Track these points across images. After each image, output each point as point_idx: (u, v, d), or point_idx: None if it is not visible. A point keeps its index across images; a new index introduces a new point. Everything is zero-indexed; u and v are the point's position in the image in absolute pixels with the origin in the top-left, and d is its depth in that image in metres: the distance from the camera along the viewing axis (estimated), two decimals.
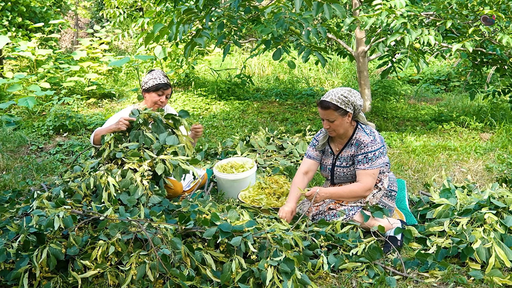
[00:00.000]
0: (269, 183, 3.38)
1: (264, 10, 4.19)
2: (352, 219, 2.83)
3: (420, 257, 2.57)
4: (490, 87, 6.34)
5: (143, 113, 3.09)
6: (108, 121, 3.38)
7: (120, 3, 6.42)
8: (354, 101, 2.84)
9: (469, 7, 4.42)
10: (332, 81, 8.26)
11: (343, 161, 2.96)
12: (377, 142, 2.87)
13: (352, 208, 2.87)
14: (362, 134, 2.89)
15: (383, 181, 2.94)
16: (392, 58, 5.05)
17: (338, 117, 2.83)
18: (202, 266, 2.33)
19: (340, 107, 2.81)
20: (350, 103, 2.83)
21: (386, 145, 2.96)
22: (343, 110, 2.82)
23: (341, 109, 2.82)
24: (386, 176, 2.97)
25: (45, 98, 6.57)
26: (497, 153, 4.39)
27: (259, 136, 4.64)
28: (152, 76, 3.44)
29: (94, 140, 3.22)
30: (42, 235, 2.32)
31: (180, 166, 2.91)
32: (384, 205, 2.95)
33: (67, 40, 11.72)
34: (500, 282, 2.32)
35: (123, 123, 3.09)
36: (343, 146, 2.97)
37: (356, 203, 2.90)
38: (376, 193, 2.92)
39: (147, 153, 2.97)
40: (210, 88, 7.33)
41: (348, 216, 2.84)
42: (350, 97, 2.83)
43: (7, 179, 3.99)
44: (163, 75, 3.48)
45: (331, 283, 2.42)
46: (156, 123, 3.10)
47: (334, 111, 2.82)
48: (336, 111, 2.82)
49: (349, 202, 2.91)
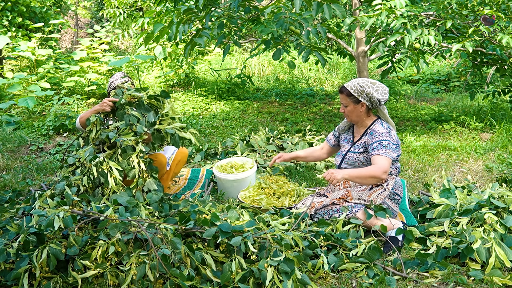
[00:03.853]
0: (269, 183, 3.38)
1: (264, 10, 4.19)
2: (355, 215, 2.83)
3: (420, 257, 2.57)
4: (490, 87, 6.34)
5: (126, 94, 3.07)
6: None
7: (120, 3, 6.42)
8: (370, 93, 2.90)
9: (469, 7, 4.42)
10: (332, 81, 8.26)
11: (357, 147, 3.03)
12: (391, 137, 2.90)
13: (356, 205, 2.87)
14: (378, 126, 2.96)
15: (389, 182, 2.95)
16: (392, 58, 5.04)
17: (351, 103, 2.96)
18: (202, 266, 2.33)
19: (353, 94, 2.92)
20: (364, 93, 2.90)
21: (400, 149, 2.95)
22: (355, 98, 2.93)
23: (354, 96, 2.93)
24: (393, 179, 2.97)
25: (45, 98, 6.57)
26: (497, 153, 4.39)
27: (259, 136, 4.64)
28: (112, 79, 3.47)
29: (80, 123, 3.24)
30: (42, 235, 2.32)
31: (177, 133, 2.91)
32: (387, 207, 2.94)
33: (67, 40, 11.72)
34: (500, 282, 2.32)
35: (107, 104, 3.12)
36: (360, 135, 3.06)
37: (360, 200, 2.90)
38: (381, 193, 2.92)
39: (139, 127, 2.95)
40: (210, 88, 7.33)
41: (351, 213, 2.84)
42: (366, 88, 2.90)
43: (7, 179, 3.99)
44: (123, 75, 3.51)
45: (331, 283, 2.42)
46: (140, 104, 3.08)
47: (347, 96, 2.96)
48: (349, 97, 2.95)
49: (353, 198, 2.90)
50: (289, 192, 3.30)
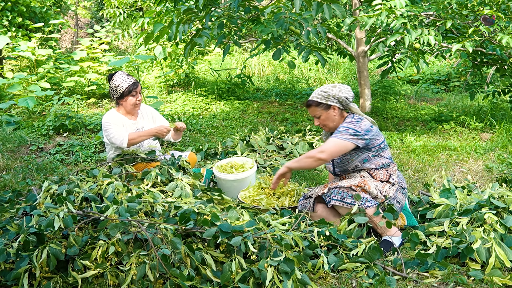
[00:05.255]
0: (269, 183, 3.38)
1: (264, 10, 4.19)
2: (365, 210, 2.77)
3: (420, 257, 2.57)
4: (490, 87, 6.34)
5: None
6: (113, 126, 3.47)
7: (120, 3, 6.42)
8: (336, 94, 2.91)
9: (469, 7, 4.42)
10: (332, 81, 8.26)
11: None
12: (358, 125, 2.87)
13: (371, 200, 2.80)
14: (348, 117, 2.97)
15: (393, 177, 2.93)
16: (392, 58, 5.05)
17: (322, 111, 2.95)
18: (202, 266, 2.33)
19: (321, 102, 2.93)
20: (331, 97, 2.91)
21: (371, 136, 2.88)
22: (325, 105, 2.93)
23: (322, 103, 2.93)
24: (395, 172, 2.97)
25: (45, 98, 6.57)
26: (497, 153, 4.39)
27: (259, 136, 4.64)
28: (118, 82, 3.50)
29: (130, 143, 3.43)
30: (42, 235, 2.32)
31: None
32: (399, 201, 2.91)
33: (67, 40, 11.72)
34: (500, 282, 2.32)
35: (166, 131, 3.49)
36: None
37: (377, 190, 2.83)
38: (391, 187, 2.90)
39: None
40: (210, 88, 7.33)
41: (363, 205, 2.77)
42: (330, 91, 2.92)
43: (7, 179, 3.99)
44: (126, 75, 3.54)
45: (331, 283, 2.42)
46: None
47: (316, 107, 2.95)
48: (318, 106, 2.94)
49: (370, 188, 2.82)
50: (289, 192, 3.30)
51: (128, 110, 3.56)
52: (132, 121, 3.59)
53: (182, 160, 3.45)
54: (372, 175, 2.92)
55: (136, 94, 3.51)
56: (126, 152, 3.49)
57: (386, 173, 2.93)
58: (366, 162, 2.91)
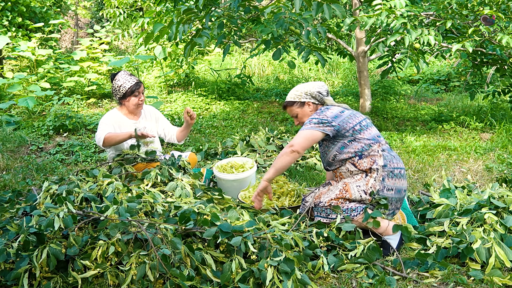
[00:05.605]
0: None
1: (264, 10, 4.19)
2: (352, 220, 2.76)
3: (420, 257, 2.57)
4: (490, 87, 6.34)
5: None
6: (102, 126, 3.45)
7: (120, 3, 6.42)
8: (308, 90, 2.99)
9: (469, 7, 4.42)
10: (332, 81, 8.26)
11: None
12: (322, 114, 2.87)
13: (356, 208, 2.78)
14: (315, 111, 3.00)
15: (377, 162, 2.80)
16: (392, 58, 5.05)
17: (298, 109, 3.04)
18: (202, 266, 2.33)
19: (295, 101, 3.03)
20: (304, 93, 3.00)
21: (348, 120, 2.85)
22: (299, 103, 3.02)
23: (296, 102, 3.03)
24: (380, 156, 2.82)
25: (45, 98, 6.57)
26: (497, 153, 4.39)
27: (259, 136, 4.64)
28: (120, 82, 3.48)
29: (105, 142, 3.35)
30: (42, 235, 2.32)
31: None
32: (390, 188, 2.79)
33: (67, 40, 11.72)
34: (500, 282, 2.32)
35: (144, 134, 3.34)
36: None
37: (360, 192, 2.78)
38: (376, 176, 2.80)
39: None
40: (210, 88, 7.33)
41: (351, 216, 2.76)
42: (301, 89, 3.01)
43: (7, 179, 3.99)
44: (128, 75, 3.52)
45: (331, 283, 2.42)
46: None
47: (292, 106, 3.06)
48: (293, 106, 3.05)
49: (352, 195, 2.78)
50: (289, 192, 3.30)
51: (130, 110, 3.56)
52: (133, 121, 3.59)
53: (182, 160, 3.44)
54: (357, 166, 2.83)
55: (138, 95, 3.50)
56: (126, 152, 3.49)
57: (370, 160, 2.82)
58: (344, 149, 2.85)
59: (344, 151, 2.85)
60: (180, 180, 3.14)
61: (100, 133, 3.38)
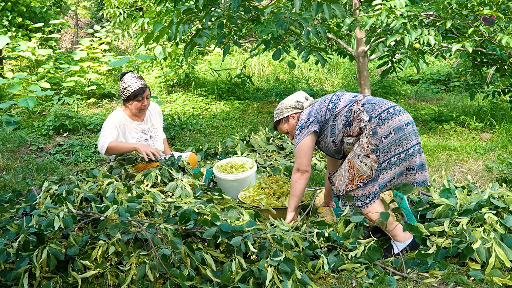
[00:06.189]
0: (269, 183, 3.38)
1: (264, 10, 4.19)
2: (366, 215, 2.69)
3: (420, 257, 2.57)
4: (490, 87, 6.34)
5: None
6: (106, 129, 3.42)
7: (120, 3, 6.42)
8: (287, 104, 3.00)
9: (469, 7, 4.42)
10: (332, 81, 8.26)
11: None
12: (299, 121, 2.89)
13: (369, 194, 2.67)
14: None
15: (362, 118, 2.64)
16: (392, 58, 5.04)
17: (285, 126, 3.05)
18: (202, 266, 2.33)
19: (279, 118, 3.04)
20: (284, 108, 3.01)
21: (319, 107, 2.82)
22: (283, 119, 3.03)
23: (281, 119, 3.04)
24: (363, 112, 2.65)
25: (45, 98, 6.57)
26: (497, 153, 4.39)
27: (259, 136, 4.64)
28: (126, 85, 3.44)
29: (108, 151, 3.31)
30: (42, 235, 2.32)
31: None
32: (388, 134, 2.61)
33: (67, 40, 11.72)
34: (500, 282, 2.32)
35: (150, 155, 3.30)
36: None
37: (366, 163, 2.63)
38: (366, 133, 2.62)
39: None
40: (210, 88, 7.33)
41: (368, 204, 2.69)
42: (282, 104, 3.02)
43: (7, 179, 3.99)
44: (136, 78, 3.46)
45: (331, 283, 2.42)
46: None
47: (278, 125, 3.08)
48: (279, 124, 3.07)
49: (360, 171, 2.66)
50: (289, 192, 3.29)
51: (133, 113, 3.53)
52: (137, 123, 3.57)
53: (182, 161, 3.44)
54: (351, 134, 2.71)
55: (142, 100, 3.45)
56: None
57: (357, 122, 2.67)
58: (335, 131, 2.77)
59: (336, 132, 2.77)
60: (180, 180, 3.14)
61: (103, 141, 3.33)
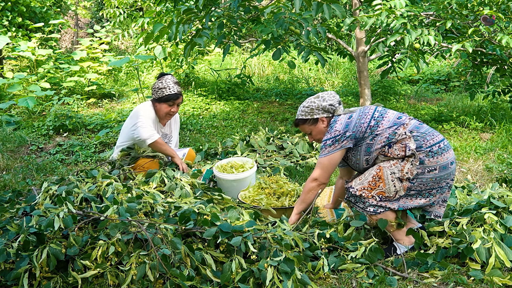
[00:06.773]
0: (269, 183, 3.38)
1: (264, 10, 4.19)
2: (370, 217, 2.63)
3: (420, 257, 2.56)
4: (490, 87, 6.34)
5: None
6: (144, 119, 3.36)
7: (120, 3, 6.42)
8: (320, 105, 2.76)
9: (469, 7, 4.42)
10: (332, 81, 8.26)
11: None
12: (333, 130, 2.66)
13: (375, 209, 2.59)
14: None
15: (408, 146, 2.53)
16: (392, 58, 5.05)
17: (311, 127, 2.82)
18: (202, 266, 2.33)
19: (307, 118, 2.80)
20: (315, 109, 2.77)
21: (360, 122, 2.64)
22: (311, 119, 2.79)
23: (309, 119, 2.80)
24: (410, 138, 2.55)
25: (45, 98, 6.57)
26: (497, 153, 4.39)
27: (259, 136, 4.64)
28: (162, 85, 3.39)
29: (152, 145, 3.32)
30: (42, 235, 2.32)
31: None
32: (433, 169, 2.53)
33: (67, 40, 11.71)
34: (500, 282, 2.32)
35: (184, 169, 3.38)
36: None
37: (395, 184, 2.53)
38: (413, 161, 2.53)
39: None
40: (210, 88, 7.33)
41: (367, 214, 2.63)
42: (313, 103, 2.78)
43: (7, 179, 3.99)
44: (174, 82, 3.43)
45: (331, 283, 2.42)
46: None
47: (304, 124, 2.83)
48: (305, 124, 2.82)
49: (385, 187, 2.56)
50: (289, 192, 3.29)
51: (159, 115, 3.51)
52: (161, 125, 3.59)
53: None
54: (388, 155, 2.58)
55: (172, 105, 3.44)
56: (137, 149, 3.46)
57: (400, 146, 2.55)
58: (371, 149, 2.62)
59: (372, 151, 2.62)
60: (179, 180, 3.14)
61: (152, 133, 3.29)
